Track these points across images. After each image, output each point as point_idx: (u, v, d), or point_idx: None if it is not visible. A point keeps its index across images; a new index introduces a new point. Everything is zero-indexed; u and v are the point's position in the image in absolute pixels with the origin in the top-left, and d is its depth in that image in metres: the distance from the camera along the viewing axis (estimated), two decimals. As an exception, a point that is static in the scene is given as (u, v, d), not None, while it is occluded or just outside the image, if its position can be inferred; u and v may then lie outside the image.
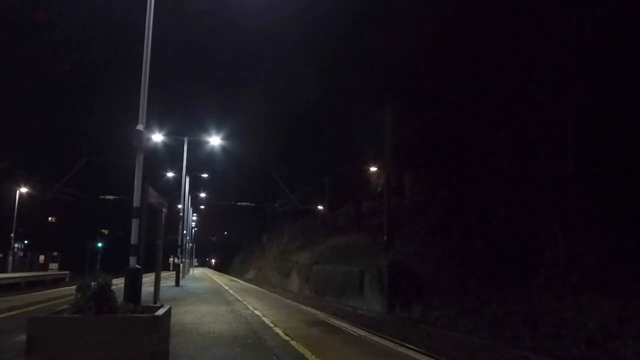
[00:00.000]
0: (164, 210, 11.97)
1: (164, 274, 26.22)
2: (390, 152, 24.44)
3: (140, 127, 8.73)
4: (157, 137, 25.37)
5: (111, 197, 47.11)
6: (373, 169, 32.68)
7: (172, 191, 34.19)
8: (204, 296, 17.42)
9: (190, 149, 26.29)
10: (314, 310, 14.51)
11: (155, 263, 12.54)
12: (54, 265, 44.68)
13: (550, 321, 11.76)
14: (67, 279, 35.34)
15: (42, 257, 45.55)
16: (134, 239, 8.30)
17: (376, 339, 8.68)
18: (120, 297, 5.21)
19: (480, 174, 19.29)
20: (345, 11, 27.74)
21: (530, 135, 16.11)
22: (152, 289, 12.71)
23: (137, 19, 9.90)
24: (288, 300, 18.44)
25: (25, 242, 50.50)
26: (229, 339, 7.91)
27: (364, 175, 33.83)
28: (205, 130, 27.12)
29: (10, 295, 18.57)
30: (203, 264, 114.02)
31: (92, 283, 4.43)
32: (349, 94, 31.67)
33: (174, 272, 26.17)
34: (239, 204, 54.76)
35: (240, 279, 45.21)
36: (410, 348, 8.25)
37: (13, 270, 36.28)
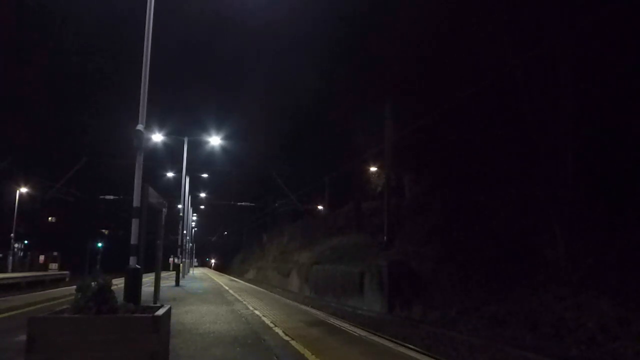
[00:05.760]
0: (164, 210, 11.97)
1: (164, 274, 26.23)
2: (390, 152, 24.46)
3: (140, 127, 8.73)
4: (157, 137, 25.39)
5: (111, 197, 47.10)
6: (373, 169, 32.68)
7: (172, 191, 34.17)
8: (204, 296, 17.42)
9: (190, 149, 26.33)
10: (313, 310, 14.51)
11: (155, 263, 12.54)
12: (54, 265, 44.69)
13: (550, 321, 11.75)
14: (67, 279, 35.33)
15: (42, 257, 45.58)
16: (134, 239, 8.30)
17: (376, 338, 8.68)
18: (120, 297, 5.22)
19: (480, 174, 19.28)
20: (345, 11, 27.77)
21: (530, 134, 16.10)
22: (152, 289, 12.71)
23: (138, 19, 9.91)
24: (288, 300, 18.44)
25: (25, 242, 50.50)
26: (229, 339, 7.91)
27: (364, 175, 33.83)
28: (205, 130, 27.17)
29: (10, 295, 18.57)
30: (203, 264, 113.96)
31: (92, 283, 4.44)
32: (349, 93, 31.67)
33: (174, 272, 26.18)
34: (239, 204, 54.74)
35: (240, 279, 45.21)
36: (410, 348, 8.26)
37: (13, 270, 36.29)
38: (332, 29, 30.26)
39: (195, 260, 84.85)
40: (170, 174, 37.31)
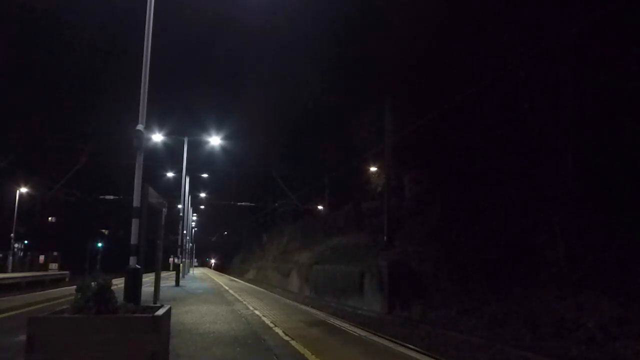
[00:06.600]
0: (164, 210, 11.97)
1: (164, 274, 26.23)
2: (390, 152, 24.44)
3: (140, 127, 8.74)
4: (157, 137, 25.41)
5: (111, 197, 47.14)
6: (373, 169, 32.68)
7: (172, 191, 34.19)
8: (204, 296, 17.42)
9: (190, 149, 26.36)
10: (313, 310, 14.52)
11: (155, 263, 12.55)
12: (54, 265, 44.66)
13: (550, 321, 11.75)
14: (67, 279, 35.35)
15: (42, 257, 45.54)
16: (134, 239, 8.31)
17: (376, 338, 8.68)
18: (120, 297, 5.22)
19: (480, 174, 19.27)
20: (345, 11, 27.78)
21: (531, 134, 16.10)
22: (152, 289, 12.72)
23: (137, 19, 9.91)
24: (288, 300, 18.45)
25: (25, 242, 50.49)
26: (229, 339, 7.91)
27: (364, 175, 33.83)
28: (205, 130, 27.18)
29: (11, 295, 18.57)
30: (203, 264, 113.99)
31: (92, 283, 4.43)
32: (349, 93, 31.69)
33: (174, 272, 26.19)
34: (239, 204, 54.75)
35: (240, 279, 45.22)
36: (410, 348, 8.26)
37: (13, 270, 36.30)
38: (332, 29, 30.26)
39: (195, 260, 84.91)
40: (170, 174, 37.35)
